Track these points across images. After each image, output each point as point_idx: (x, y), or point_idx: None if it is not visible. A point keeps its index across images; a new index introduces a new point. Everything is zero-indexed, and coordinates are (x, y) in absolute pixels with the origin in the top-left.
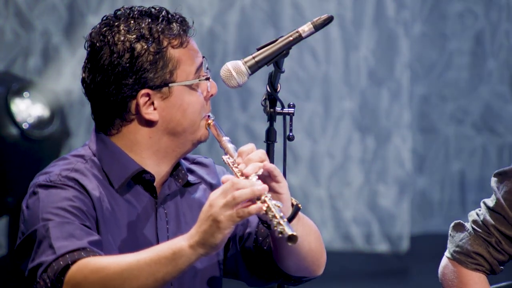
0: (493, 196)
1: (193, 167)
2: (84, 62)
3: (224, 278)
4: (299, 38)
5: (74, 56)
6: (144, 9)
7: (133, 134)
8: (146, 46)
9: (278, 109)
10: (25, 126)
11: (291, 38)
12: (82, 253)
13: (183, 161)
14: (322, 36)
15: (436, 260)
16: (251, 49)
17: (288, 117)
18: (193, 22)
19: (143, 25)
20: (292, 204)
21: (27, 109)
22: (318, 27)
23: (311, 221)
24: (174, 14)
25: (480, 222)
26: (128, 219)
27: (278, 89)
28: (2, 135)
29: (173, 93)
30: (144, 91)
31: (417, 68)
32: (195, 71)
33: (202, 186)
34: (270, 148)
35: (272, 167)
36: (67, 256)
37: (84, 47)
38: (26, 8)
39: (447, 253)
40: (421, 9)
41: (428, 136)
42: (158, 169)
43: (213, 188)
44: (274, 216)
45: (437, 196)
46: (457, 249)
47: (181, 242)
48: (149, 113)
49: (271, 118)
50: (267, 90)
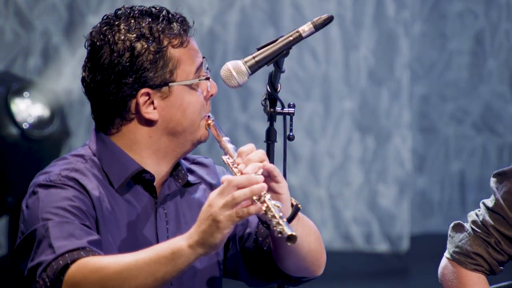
0: (492, 197)
1: (193, 167)
2: (84, 61)
3: (224, 278)
4: (299, 38)
5: (74, 56)
6: (145, 9)
7: (133, 134)
8: (147, 45)
9: (278, 109)
10: (25, 126)
11: (291, 38)
12: (82, 253)
13: (183, 161)
14: (322, 36)
15: (436, 260)
16: (251, 49)
17: (288, 117)
18: (193, 22)
19: (144, 25)
20: (292, 205)
21: (27, 109)
22: (318, 27)
23: (311, 222)
24: (175, 14)
25: (480, 223)
26: (128, 219)
27: (278, 89)
28: (2, 135)
29: (173, 93)
30: (144, 90)
31: (417, 68)
32: (195, 71)
33: (202, 186)
34: (270, 148)
35: (272, 167)
36: (67, 256)
37: (85, 46)
38: (26, 8)
39: (447, 254)
40: (421, 9)
41: (428, 136)
42: (158, 169)
43: (213, 188)
44: (274, 216)
45: (437, 196)
46: (457, 250)
47: (181, 242)
48: (149, 113)
49: (271, 118)
50: (267, 90)
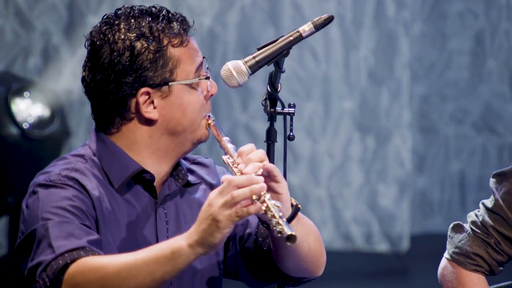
0: (492, 197)
1: (194, 167)
2: (84, 61)
3: (224, 278)
4: (300, 38)
5: (74, 56)
6: (145, 8)
7: (133, 133)
8: (146, 45)
9: (279, 109)
10: (25, 126)
11: (292, 38)
12: (81, 252)
13: (183, 161)
14: (322, 36)
15: (436, 260)
16: (251, 49)
17: (289, 117)
18: (194, 22)
19: (144, 24)
20: (292, 205)
21: (27, 109)
22: (319, 27)
23: (311, 222)
24: (175, 14)
25: (479, 223)
26: (128, 219)
27: (279, 89)
28: (2, 135)
29: (173, 92)
30: (144, 90)
31: (417, 68)
32: (195, 70)
33: (202, 186)
34: (271, 148)
35: (272, 167)
36: (66, 255)
37: (85, 46)
38: (26, 8)
39: (446, 254)
40: (421, 9)
41: (428, 136)
42: (158, 169)
43: (213, 189)
44: (273, 216)
45: (437, 196)
46: (456, 250)
47: (180, 241)
48: (149, 112)
49: (272, 118)
50: (268, 90)
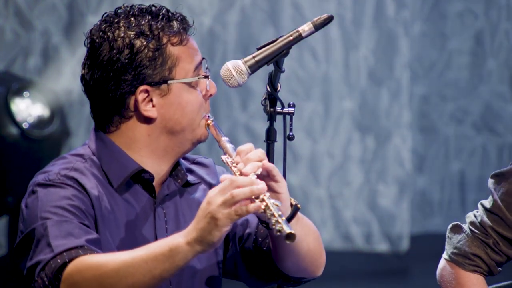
0: (490, 198)
1: (193, 167)
2: (84, 59)
3: (224, 278)
4: (299, 38)
5: (74, 56)
6: (145, 7)
7: (132, 131)
8: (146, 43)
9: (278, 109)
10: (25, 126)
11: (291, 38)
12: (80, 251)
13: (183, 161)
14: (322, 36)
15: (436, 260)
16: (251, 49)
17: (288, 117)
18: (193, 22)
19: (143, 22)
20: (291, 204)
21: (27, 109)
22: (318, 27)
23: (310, 222)
24: (175, 13)
25: (478, 224)
26: (127, 219)
27: (278, 89)
28: (2, 135)
29: (172, 91)
30: (143, 87)
31: (417, 68)
32: (194, 69)
33: (202, 186)
34: (270, 148)
35: (271, 166)
36: (65, 254)
37: (84, 44)
38: (26, 8)
39: (445, 255)
40: (421, 9)
41: (428, 136)
42: (157, 169)
43: None
44: (273, 215)
45: (437, 196)
46: (455, 251)
47: (178, 239)
48: (148, 110)
49: (271, 118)
50: (267, 90)
